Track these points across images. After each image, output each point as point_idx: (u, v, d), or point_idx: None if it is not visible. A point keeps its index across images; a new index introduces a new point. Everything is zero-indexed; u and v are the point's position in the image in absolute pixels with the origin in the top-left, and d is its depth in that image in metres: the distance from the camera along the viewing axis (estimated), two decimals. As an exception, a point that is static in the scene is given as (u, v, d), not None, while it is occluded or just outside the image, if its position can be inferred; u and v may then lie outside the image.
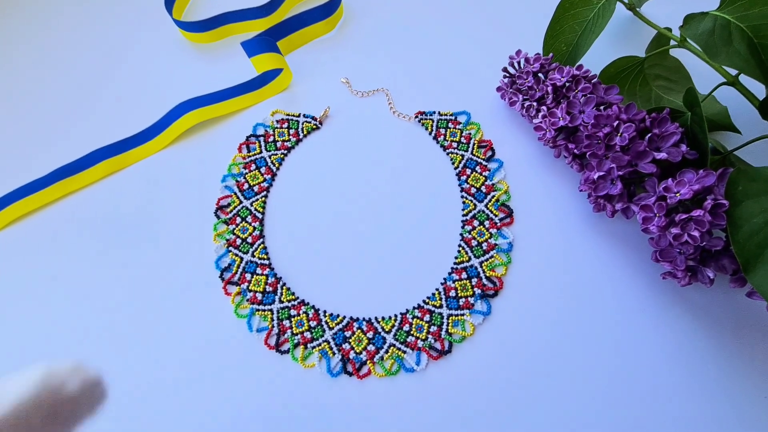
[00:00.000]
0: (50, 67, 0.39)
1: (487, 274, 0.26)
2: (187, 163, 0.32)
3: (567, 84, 0.26)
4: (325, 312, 0.26)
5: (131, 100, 0.35)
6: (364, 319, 0.26)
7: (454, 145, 0.30)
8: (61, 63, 0.39)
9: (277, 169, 0.29)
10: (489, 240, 0.27)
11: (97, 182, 0.32)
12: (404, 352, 0.25)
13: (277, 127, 0.31)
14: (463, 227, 0.28)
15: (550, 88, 0.26)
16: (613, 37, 0.33)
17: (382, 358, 0.24)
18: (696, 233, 0.20)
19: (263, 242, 0.28)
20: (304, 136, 0.31)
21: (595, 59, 0.29)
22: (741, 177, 0.20)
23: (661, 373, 0.23)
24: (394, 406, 0.23)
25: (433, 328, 0.25)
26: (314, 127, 0.31)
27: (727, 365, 0.23)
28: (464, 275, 0.26)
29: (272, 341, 0.25)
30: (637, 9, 0.30)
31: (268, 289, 0.27)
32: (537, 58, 0.28)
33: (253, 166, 0.30)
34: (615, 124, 0.23)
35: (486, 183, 0.29)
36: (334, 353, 0.25)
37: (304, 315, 0.26)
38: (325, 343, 0.25)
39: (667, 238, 0.22)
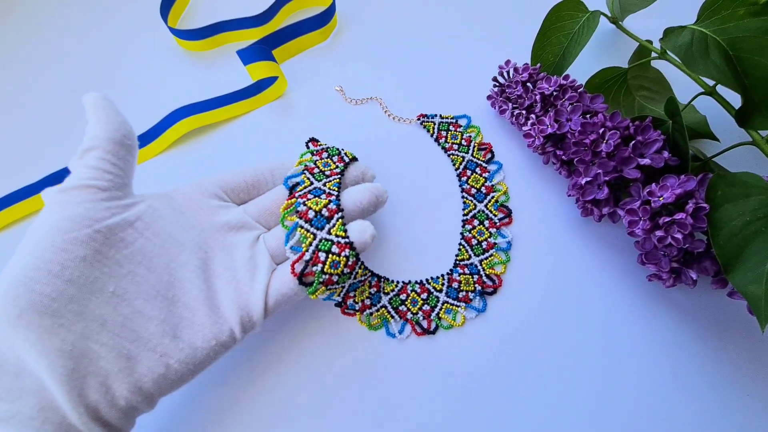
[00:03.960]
0: (45, 73, 0.38)
1: (487, 272, 0.27)
2: (181, 169, 0.32)
3: (554, 93, 0.27)
4: (363, 263, 0.23)
5: (126, 107, 0.35)
6: (374, 274, 0.27)
7: (455, 147, 0.31)
8: (56, 69, 0.39)
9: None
10: (488, 239, 0.28)
11: (90, 188, 0.32)
12: (392, 317, 0.26)
13: (317, 159, 0.25)
14: (463, 226, 0.28)
15: (538, 97, 0.27)
16: (597, 48, 0.35)
17: (371, 313, 0.26)
18: (679, 235, 0.21)
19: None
20: (351, 159, 0.26)
21: (581, 70, 0.30)
22: (720, 182, 0.21)
23: (647, 370, 0.24)
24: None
25: (426, 307, 0.26)
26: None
27: (710, 363, 0.24)
28: (467, 271, 0.27)
29: (298, 268, 0.22)
30: (620, 22, 0.32)
31: (325, 212, 0.22)
32: (525, 68, 0.29)
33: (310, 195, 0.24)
34: (601, 131, 0.24)
35: (486, 184, 0.30)
36: (341, 292, 0.24)
37: (345, 259, 0.22)
38: (340, 288, 0.24)
39: (652, 241, 0.22)
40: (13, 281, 0.16)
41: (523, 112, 0.29)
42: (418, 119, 0.32)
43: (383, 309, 0.26)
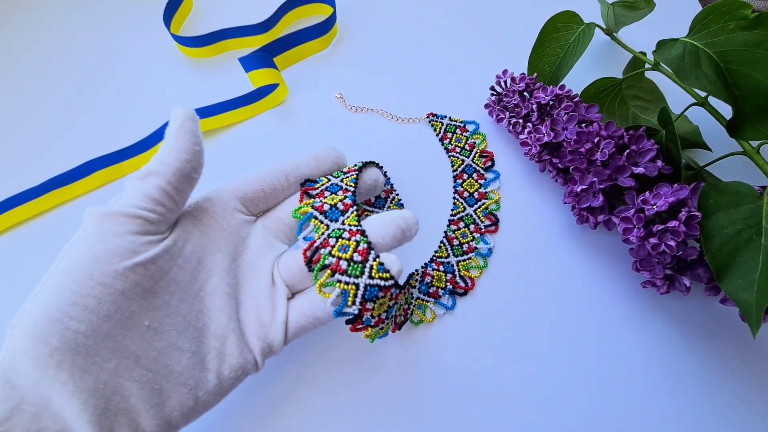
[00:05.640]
0: (47, 78, 0.39)
1: (462, 273, 0.27)
2: (182, 173, 0.32)
3: (551, 102, 0.28)
4: (378, 257, 0.19)
5: (128, 112, 0.36)
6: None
7: (458, 149, 0.32)
8: (59, 74, 0.39)
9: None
10: (470, 243, 0.28)
11: (92, 192, 0.32)
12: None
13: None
14: (448, 226, 0.29)
15: (534, 106, 0.28)
16: (592, 59, 0.35)
17: (381, 328, 0.25)
18: (672, 243, 0.21)
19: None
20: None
21: (577, 80, 0.31)
22: (712, 191, 0.22)
23: (641, 376, 0.24)
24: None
25: (405, 306, 0.26)
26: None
27: (704, 369, 0.24)
28: (441, 268, 0.27)
29: (308, 253, 0.20)
30: (615, 34, 0.32)
31: (340, 206, 0.21)
32: (522, 77, 0.30)
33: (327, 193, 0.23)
34: (596, 140, 0.25)
35: (479, 190, 0.30)
36: (354, 302, 0.19)
37: (355, 243, 0.19)
38: (353, 287, 0.19)
39: (646, 248, 0.23)
40: (44, 316, 0.15)
41: (520, 120, 0.29)
42: (427, 117, 0.33)
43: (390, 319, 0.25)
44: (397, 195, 0.30)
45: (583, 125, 0.26)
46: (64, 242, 0.30)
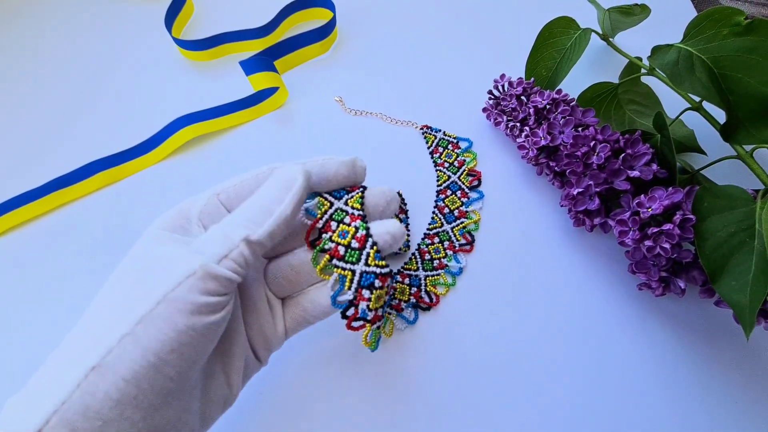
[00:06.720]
0: (49, 80, 0.39)
1: (428, 289, 0.27)
2: (183, 176, 0.32)
3: (548, 106, 0.28)
4: (375, 245, 0.19)
5: (129, 114, 0.36)
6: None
7: (446, 165, 0.32)
8: (61, 76, 0.39)
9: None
10: (442, 259, 0.28)
11: (93, 193, 0.32)
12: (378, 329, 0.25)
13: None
14: (422, 239, 0.29)
15: (532, 110, 0.28)
16: (589, 64, 0.36)
17: (378, 327, 0.24)
18: (667, 245, 0.22)
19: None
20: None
21: (573, 84, 0.31)
22: (706, 194, 0.22)
23: (637, 377, 0.24)
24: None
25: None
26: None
27: (699, 370, 0.24)
28: (407, 281, 0.27)
29: (312, 236, 0.20)
30: (611, 39, 0.33)
31: (348, 209, 0.20)
32: (520, 82, 0.30)
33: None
34: (592, 144, 0.25)
35: (461, 208, 0.30)
36: (351, 287, 0.19)
37: (354, 229, 0.19)
38: (349, 272, 0.19)
39: (642, 251, 0.23)
40: (142, 363, 0.14)
41: (518, 124, 0.29)
42: (422, 129, 0.33)
43: (383, 323, 0.25)
44: (407, 222, 0.29)
45: (580, 129, 0.26)
46: (64, 244, 0.30)
